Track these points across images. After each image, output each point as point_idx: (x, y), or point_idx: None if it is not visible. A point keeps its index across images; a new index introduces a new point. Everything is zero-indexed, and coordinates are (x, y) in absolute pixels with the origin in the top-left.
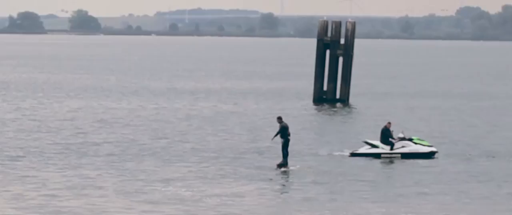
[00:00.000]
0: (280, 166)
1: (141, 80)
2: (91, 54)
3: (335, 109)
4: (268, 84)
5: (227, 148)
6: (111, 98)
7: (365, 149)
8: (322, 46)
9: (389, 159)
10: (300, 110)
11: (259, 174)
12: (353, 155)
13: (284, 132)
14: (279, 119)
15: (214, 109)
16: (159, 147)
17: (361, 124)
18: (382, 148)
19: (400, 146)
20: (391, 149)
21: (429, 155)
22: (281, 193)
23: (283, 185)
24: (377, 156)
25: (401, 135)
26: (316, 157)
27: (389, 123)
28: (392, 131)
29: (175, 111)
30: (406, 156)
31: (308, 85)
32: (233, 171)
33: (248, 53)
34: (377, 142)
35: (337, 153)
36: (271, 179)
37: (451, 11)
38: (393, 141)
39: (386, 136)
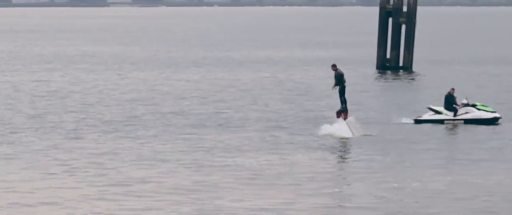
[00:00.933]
0: (339, 113)
1: (204, 52)
2: (154, 26)
3: (398, 76)
4: (331, 53)
5: (290, 115)
6: (173, 70)
7: (429, 115)
8: (384, 14)
9: (453, 124)
10: (364, 78)
11: (321, 142)
12: (417, 121)
13: (340, 79)
14: (334, 66)
15: (276, 78)
16: (222, 117)
17: (424, 91)
18: (446, 114)
19: (464, 112)
20: (455, 115)
21: (493, 121)
22: (344, 161)
23: (346, 152)
24: (440, 122)
25: (465, 101)
26: (381, 124)
27: (453, 89)
28: (456, 97)
29: (235, 81)
30: (469, 121)
31: (371, 54)
32: (292, 139)
33: (310, 22)
34: (441, 108)
35: (401, 120)
36: (334, 147)
37: None
38: (457, 107)
39: (449, 102)
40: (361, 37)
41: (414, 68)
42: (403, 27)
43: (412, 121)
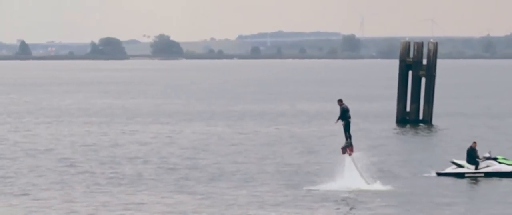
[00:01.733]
0: (344, 148)
1: (222, 105)
2: (173, 78)
3: (418, 130)
4: (351, 106)
5: (311, 170)
6: (199, 122)
7: (451, 169)
8: (404, 67)
9: (474, 178)
10: (384, 131)
11: (342, 195)
12: (439, 175)
13: (344, 114)
14: (340, 101)
15: (299, 131)
16: (239, 169)
17: (445, 144)
18: (467, 168)
19: (485, 165)
20: (476, 168)
21: None
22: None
23: (370, 207)
24: (461, 175)
25: (487, 155)
26: (403, 178)
27: (475, 143)
28: (478, 150)
29: (256, 134)
30: (490, 175)
31: (390, 107)
32: (310, 192)
33: (330, 75)
34: (463, 162)
35: (423, 174)
36: (359, 201)
37: None
38: (478, 160)
39: (471, 155)
40: (381, 90)
41: (434, 121)
42: (423, 80)
43: (435, 174)
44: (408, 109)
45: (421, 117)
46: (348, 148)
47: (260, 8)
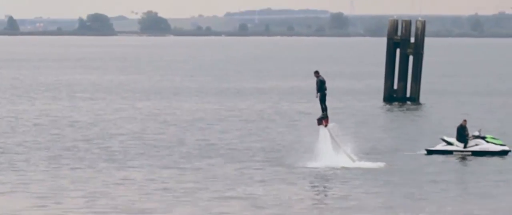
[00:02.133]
0: (319, 120)
1: (209, 81)
2: (161, 55)
3: (405, 108)
4: (338, 84)
5: (297, 146)
6: (178, 99)
7: (441, 146)
8: (392, 45)
9: (462, 156)
10: (371, 109)
11: (333, 172)
12: (429, 152)
13: (321, 86)
14: (316, 73)
15: (286, 108)
16: (225, 147)
17: (432, 122)
18: (457, 146)
19: (474, 144)
20: (465, 146)
21: (501, 154)
22: (354, 192)
23: (357, 184)
24: (449, 153)
25: (476, 133)
26: (391, 155)
27: (465, 121)
28: (468, 128)
29: (238, 111)
30: (477, 153)
31: (378, 84)
32: (296, 170)
33: (318, 52)
34: (453, 140)
35: (414, 151)
36: (346, 178)
37: None
38: (468, 138)
39: (460, 133)
40: (368, 68)
41: (421, 99)
42: (411, 58)
43: (425, 151)
44: (395, 86)
45: (408, 94)
46: (323, 119)
47: None
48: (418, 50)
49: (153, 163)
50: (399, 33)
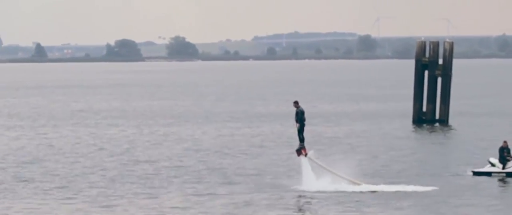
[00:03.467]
0: (298, 150)
1: (243, 105)
2: (189, 80)
3: (435, 130)
4: (367, 106)
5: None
6: (202, 124)
7: (486, 168)
8: (420, 67)
9: (500, 177)
10: (401, 131)
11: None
12: (475, 173)
13: (301, 117)
14: (296, 104)
15: (315, 132)
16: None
17: (464, 144)
18: (497, 167)
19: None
20: (503, 167)
21: None
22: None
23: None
24: (488, 174)
25: None
26: (437, 178)
27: (505, 142)
28: (510, 149)
29: (271, 135)
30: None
31: (406, 106)
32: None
33: (346, 75)
34: (496, 161)
35: (455, 174)
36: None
37: None
38: (508, 159)
39: (500, 154)
40: (397, 90)
41: (450, 121)
42: (439, 80)
43: (471, 173)
44: (424, 108)
45: (437, 116)
46: (302, 149)
47: (275, 8)
48: (446, 72)
49: (177, 188)
50: (427, 55)
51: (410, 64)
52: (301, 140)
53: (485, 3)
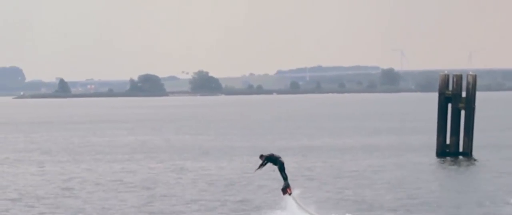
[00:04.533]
0: (284, 190)
1: (259, 140)
2: (213, 114)
3: (459, 162)
4: (390, 139)
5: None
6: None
7: None
8: (443, 100)
9: None
10: (425, 165)
11: None
12: None
13: (274, 160)
14: (261, 157)
15: (330, 165)
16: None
17: (488, 177)
18: None
19: None
20: None
21: None
22: None
23: None
24: None
25: None
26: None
27: None
28: None
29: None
30: None
31: (429, 139)
32: None
33: (369, 109)
34: None
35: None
36: None
37: None
38: None
39: None
40: (420, 123)
41: (474, 154)
42: (463, 112)
43: None
44: (448, 141)
45: (461, 149)
46: (287, 188)
47: (298, 43)
48: (469, 105)
49: None
50: (450, 87)
51: (434, 97)
52: (284, 178)
53: (508, 36)
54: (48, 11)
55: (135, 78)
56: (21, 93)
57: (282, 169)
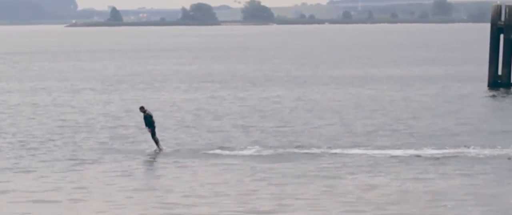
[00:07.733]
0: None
1: (310, 69)
2: (265, 44)
3: (510, 93)
4: (442, 70)
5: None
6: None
7: None
8: (495, 31)
9: None
10: (476, 95)
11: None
12: None
13: (149, 120)
14: (142, 109)
15: (384, 95)
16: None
17: None
18: None
19: None
20: None
21: None
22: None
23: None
24: None
25: None
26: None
27: None
28: None
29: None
30: None
31: (482, 70)
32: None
33: (421, 39)
34: None
35: None
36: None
37: None
38: None
39: None
40: (473, 54)
41: None
42: None
43: None
44: (499, 72)
45: None
46: (159, 151)
47: None
48: None
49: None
50: (502, 18)
51: (486, 28)
52: (157, 142)
53: None
54: None
55: (187, 7)
56: (73, 21)
57: (154, 133)
